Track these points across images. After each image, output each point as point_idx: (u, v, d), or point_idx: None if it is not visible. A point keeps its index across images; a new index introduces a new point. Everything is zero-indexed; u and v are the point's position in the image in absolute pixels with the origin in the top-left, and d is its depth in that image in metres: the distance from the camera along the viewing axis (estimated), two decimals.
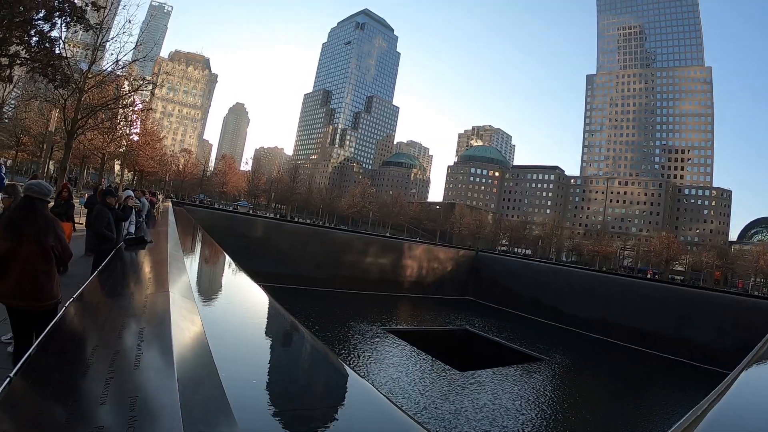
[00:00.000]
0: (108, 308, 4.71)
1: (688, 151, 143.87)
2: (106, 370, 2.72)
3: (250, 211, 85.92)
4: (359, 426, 2.79)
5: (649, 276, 75.42)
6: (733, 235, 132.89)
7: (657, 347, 29.40)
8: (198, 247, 14.08)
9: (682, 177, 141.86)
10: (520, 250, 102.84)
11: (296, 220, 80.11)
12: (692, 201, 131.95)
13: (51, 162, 42.34)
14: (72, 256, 5.21)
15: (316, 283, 29.74)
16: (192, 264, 10.07)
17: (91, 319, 4.40)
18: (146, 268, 7.57)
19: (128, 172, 70.96)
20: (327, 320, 22.14)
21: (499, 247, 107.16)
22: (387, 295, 32.93)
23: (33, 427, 2.13)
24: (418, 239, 78.52)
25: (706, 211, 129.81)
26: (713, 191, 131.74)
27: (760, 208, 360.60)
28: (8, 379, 2.54)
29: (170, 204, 30.46)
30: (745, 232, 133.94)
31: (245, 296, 7.14)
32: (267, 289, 6.42)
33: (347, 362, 4.26)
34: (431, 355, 18.77)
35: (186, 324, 3.53)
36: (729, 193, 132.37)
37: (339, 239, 33.72)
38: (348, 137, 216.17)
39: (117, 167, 69.59)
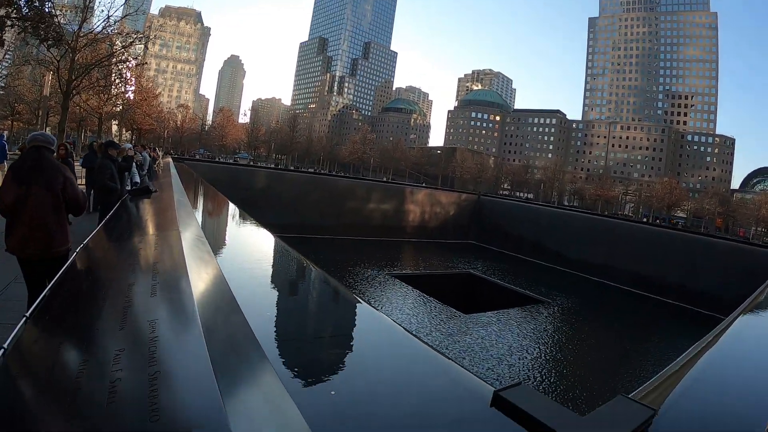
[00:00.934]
0: (118, 251, 4.69)
1: (692, 97, 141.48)
2: (122, 306, 2.68)
3: (251, 163, 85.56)
4: (380, 350, 2.83)
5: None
6: (735, 184, 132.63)
7: (659, 292, 29.73)
8: (203, 197, 14.07)
9: (685, 123, 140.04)
10: (522, 194, 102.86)
11: (299, 169, 79.69)
12: (695, 148, 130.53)
13: (48, 128, 41.86)
14: (87, 200, 5.18)
15: (319, 231, 29.78)
16: (199, 209, 10.07)
17: (103, 261, 4.38)
18: (154, 214, 7.55)
19: (126, 131, 70.42)
20: (332, 267, 22.22)
21: (501, 191, 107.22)
22: (390, 241, 33.17)
23: (50, 366, 2.11)
24: (423, 184, 78.57)
25: (708, 158, 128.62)
26: (716, 138, 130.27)
27: (762, 158, 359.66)
28: (24, 318, 2.51)
29: (170, 160, 30.26)
30: (748, 181, 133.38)
31: (255, 238, 7.15)
32: None
33: None
34: (436, 299, 18.97)
35: (199, 259, 3.51)
36: (732, 141, 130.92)
37: (341, 186, 33.55)
38: (346, 84, 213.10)
39: (115, 127, 69.05)
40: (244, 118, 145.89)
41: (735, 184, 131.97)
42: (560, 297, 24.61)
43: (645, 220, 73.32)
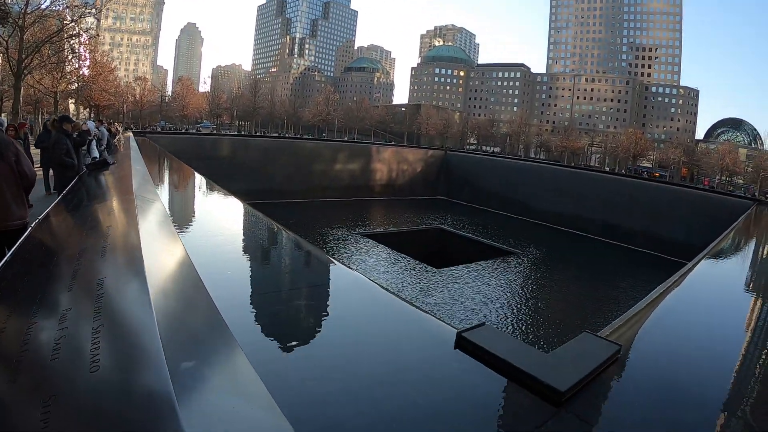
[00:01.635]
0: (74, 220, 4.67)
1: (656, 49, 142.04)
2: (73, 269, 2.70)
3: (214, 132, 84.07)
4: (350, 303, 2.93)
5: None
6: (700, 134, 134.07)
7: (627, 240, 30.56)
8: (167, 170, 13.86)
9: (649, 75, 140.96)
10: (488, 148, 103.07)
11: (263, 134, 78.68)
12: (659, 99, 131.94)
13: (3, 114, 40.29)
14: (36, 176, 5.16)
15: (287, 195, 29.68)
16: (163, 181, 9.91)
17: (59, 231, 4.36)
18: (111, 184, 7.43)
19: (84, 108, 68.26)
20: (302, 230, 22.12)
21: (468, 146, 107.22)
22: (360, 200, 33.26)
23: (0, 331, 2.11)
24: (392, 142, 78.37)
25: (673, 110, 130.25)
26: (680, 90, 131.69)
27: (726, 109, 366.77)
28: None
29: (131, 134, 29.46)
30: (712, 132, 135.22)
31: (220, 205, 7.08)
32: None
33: None
34: (408, 255, 19.22)
35: (153, 222, 3.49)
36: (696, 92, 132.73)
37: (307, 149, 33.26)
38: (307, 46, 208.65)
39: (72, 107, 66.82)
40: (204, 86, 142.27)
41: (699, 134, 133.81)
42: (530, 248, 25.12)
43: (624, 172, 74.30)
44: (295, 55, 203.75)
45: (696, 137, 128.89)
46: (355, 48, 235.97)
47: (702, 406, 2.24)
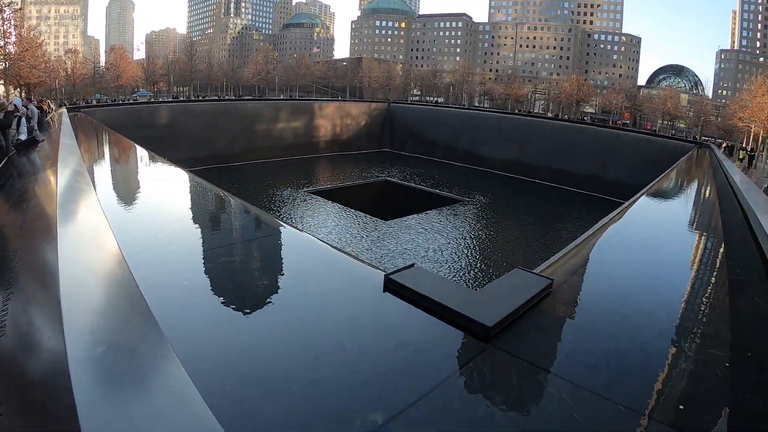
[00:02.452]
0: None
1: None
2: None
3: (151, 99, 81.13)
4: (288, 258, 3.09)
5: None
6: (642, 80, 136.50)
7: (572, 184, 31.40)
8: (99, 142, 13.51)
9: (591, 23, 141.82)
10: (432, 99, 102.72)
11: (203, 98, 76.32)
12: (601, 47, 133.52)
13: None
14: None
15: (232, 159, 29.21)
16: (91, 154, 9.69)
17: None
18: (38, 163, 7.27)
19: (14, 88, 64.59)
20: (249, 193, 21.99)
21: (411, 98, 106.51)
22: (305, 158, 33.04)
23: None
24: (339, 98, 77.35)
25: (615, 57, 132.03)
26: (622, 37, 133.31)
27: (668, 56, 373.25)
28: None
29: (64, 110, 28.14)
30: (653, 78, 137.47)
31: (160, 175, 7.01)
32: None
33: None
34: (356, 209, 19.48)
35: (74, 191, 3.51)
36: (638, 39, 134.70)
37: (249, 110, 32.55)
38: (243, 4, 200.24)
39: (0, 87, 63.14)
40: (138, 53, 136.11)
41: (642, 80, 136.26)
42: (477, 195, 25.67)
43: (567, 117, 75.36)
44: (232, 14, 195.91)
45: (639, 83, 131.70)
46: (294, 4, 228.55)
47: (634, 334, 2.39)
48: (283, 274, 2.77)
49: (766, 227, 4.86)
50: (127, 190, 5.36)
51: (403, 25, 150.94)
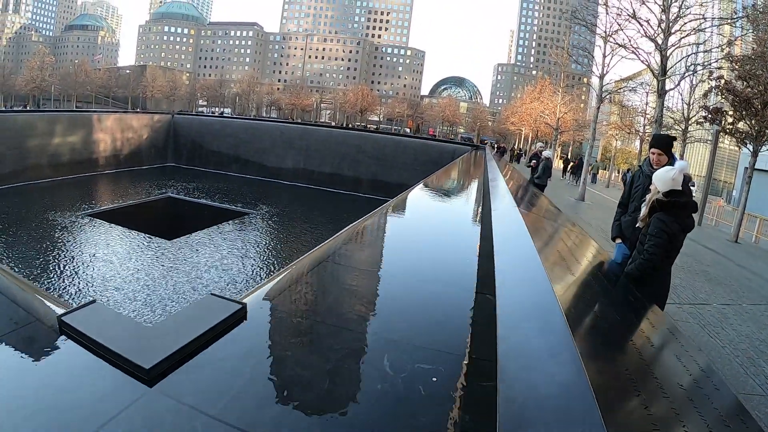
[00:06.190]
0: None
1: (388, 13, 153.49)
2: None
3: None
4: None
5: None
6: (426, 90, 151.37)
7: (356, 188, 34.13)
8: None
9: (380, 36, 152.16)
10: (218, 109, 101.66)
11: None
12: (388, 59, 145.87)
13: None
14: None
15: None
16: None
17: None
18: None
19: None
20: (16, 221, 19.77)
21: (197, 108, 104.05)
22: (84, 177, 30.63)
23: None
24: (126, 109, 72.51)
25: (401, 68, 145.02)
26: (408, 51, 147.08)
27: (452, 69, 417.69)
28: None
29: None
30: (436, 88, 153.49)
31: None
32: None
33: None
34: (137, 230, 18.82)
35: None
36: (423, 53, 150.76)
37: (18, 123, 28.28)
38: (23, 0, 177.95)
39: None
40: None
41: (425, 90, 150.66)
42: (264, 206, 26.81)
43: (351, 126, 79.76)
44: (9, 11, 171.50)
45: (422, 93, 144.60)
46: (79, 3, 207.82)
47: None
48: None
49: (494, 214, 5.91)
50: None
51: (192, 32, 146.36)
